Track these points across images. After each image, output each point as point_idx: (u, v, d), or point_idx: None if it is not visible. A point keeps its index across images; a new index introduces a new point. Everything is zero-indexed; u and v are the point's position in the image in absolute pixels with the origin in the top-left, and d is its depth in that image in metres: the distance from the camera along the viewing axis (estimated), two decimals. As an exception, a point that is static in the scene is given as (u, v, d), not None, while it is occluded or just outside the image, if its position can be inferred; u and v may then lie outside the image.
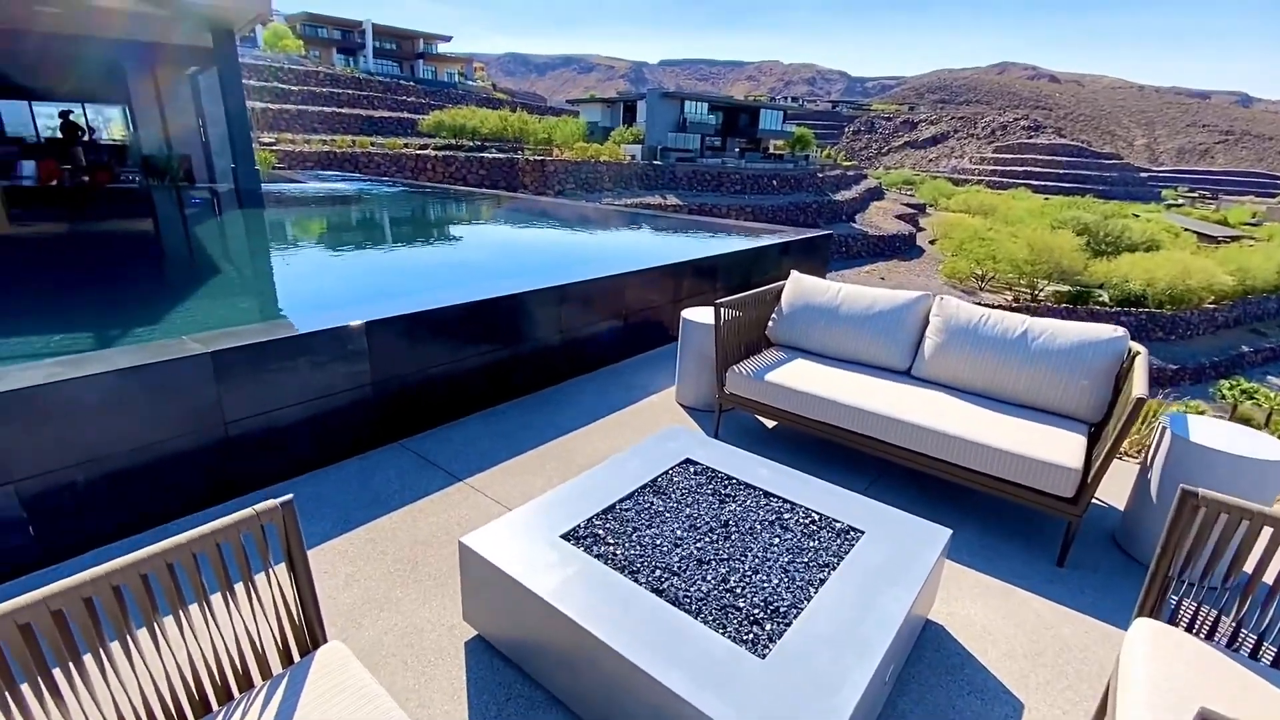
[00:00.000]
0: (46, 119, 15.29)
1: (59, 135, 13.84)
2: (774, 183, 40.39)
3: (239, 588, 2.01)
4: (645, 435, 3.65)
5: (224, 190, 11.77)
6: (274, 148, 26.59)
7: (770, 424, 3.88)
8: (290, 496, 1.49)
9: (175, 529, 2.64)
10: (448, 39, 70.30)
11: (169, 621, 1.76)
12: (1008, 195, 64.57)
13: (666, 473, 2.49)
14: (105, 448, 2.49)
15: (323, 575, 2.41)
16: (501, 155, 31.91)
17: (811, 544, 2.11)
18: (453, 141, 35.79)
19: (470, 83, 68.25)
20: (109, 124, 16.53)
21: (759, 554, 2.04)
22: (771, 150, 53.42)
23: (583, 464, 3.30)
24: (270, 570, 1.45)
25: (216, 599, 2.03)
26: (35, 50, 11.33)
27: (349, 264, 7.01)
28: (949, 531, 2.23)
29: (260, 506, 1.44)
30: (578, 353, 4.54)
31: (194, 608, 1.94)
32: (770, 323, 3.86)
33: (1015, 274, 32.06)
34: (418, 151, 29.65)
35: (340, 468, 3.16)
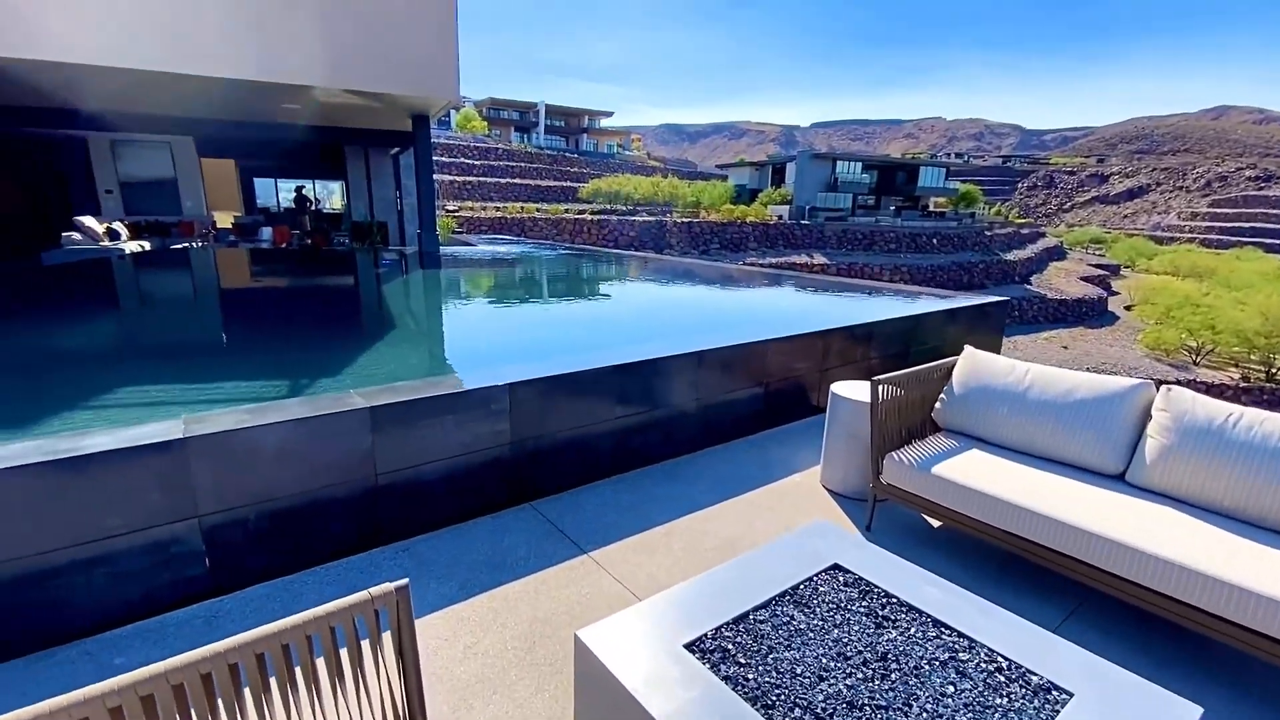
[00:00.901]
0: (285, 192, 18.75)
1: (293, 205, 16.86)
2: (934, 241, 37.91)
3: (347, 670, 1.99)
4: (785, 521, 3.31)
5: (410, 252, 13.42)
6: (456, 214, 30.20)
7: (936, 524, 3.34)
8: (405, 581, 1.42)
9: (324, 572, 2.77)
10: (609, 114, 76.50)
11: (276, 699, 1.78)
12: (1229, 255, 54.78)
13: (810, 580, 2.16)
14: (274, 490, 2.70)
15: (442, 643, 2.36)
16: (651, 218, 33.38)
17: (999, 701, 1.66)
18: (607, 206, 38.27)
19: (627, 153, 73.19)
20: (330, 196, 19.79)
21: (928, 705, 1.63)
22: (932, 208, 50.57)
23: (713, 548, 3.03)
24: (380, 655, 1.39)
25: (324, 679, 2.03)
26: (281, 138, 14.00)
27: (503, 321, 7.48)
28: (1198, 710, 1.65)
29: (376, 590, 1.38)
30: (714, 421, 4.32)
31: (301, 687, 1.95)
32: (938, 404, 3.38)
33: (1244, 347, 26.64)
34: (575, 216, 32.00)
35: (473, 525, 3.18)
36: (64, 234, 11.96)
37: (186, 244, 13.48)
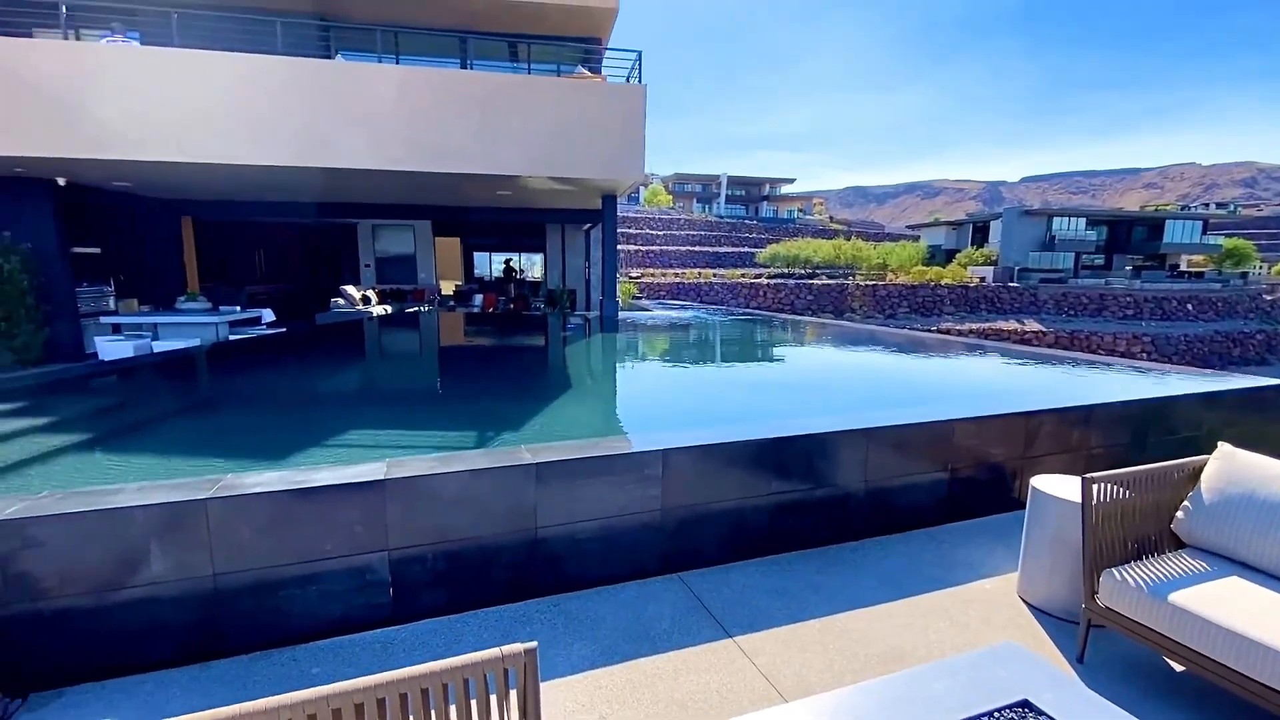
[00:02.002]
0: (497, 264, 21.61)
1: (501, 275, 19.35)
2: (1188, 306, 31.51)
3: None
4: (967, 636, 2.83)
5: (593, 316, 14.52)
6: (638, 280, 32.18)
7: (1179, 668, 2.62)
8: (534, 645, 1.46)
9: (485, 615, 2.96)
10: (790, 181, 77.09)
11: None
12: None
13: (991, 716, 1.80)
14: (449, 533, 2.98)
15: (578, 708, 2.36)
16: (831, 281, 32.40)
17: None
18: (785, 270, 38.03)
19: (808, 217, 72.74)
20: (532, 266, 22.34)
21: None
22: (1184, 267, 42.39)
23: (875, 655, 2.69)
24: (506, 713, 1.43)
25: None
26: (496, 219, 16.26)
27: (668, 384, 7.66)
28: None
29: (506, 650, 1.44)
30: (885, 507, 3.92)
31: None
32: (1181, 513, 2.71)
33: None
34: (752, 280, 32.23)
35: (620, 590, 3.20)
36: (333, 299, 14.98)
37: (417, 308, 16.08)
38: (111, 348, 9.08)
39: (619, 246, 39.00)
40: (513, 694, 1.49)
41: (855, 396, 6.98)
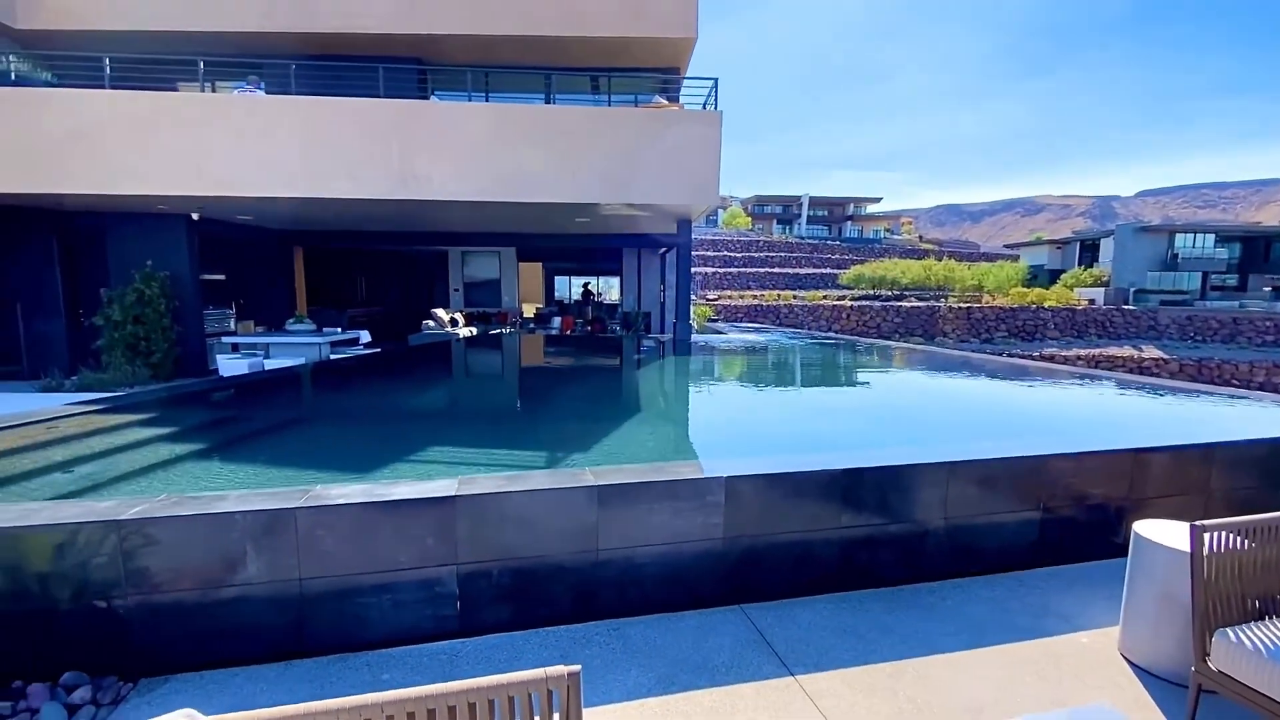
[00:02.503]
0: (576, 287, 22.26)
1: (579, 298, 19.88)
2: (1344, 333, 27.63)
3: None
4: (1058, 694, 2.59)
5: (667, 339, 14.60)
6: (715, 302, 32.08)
7: (1321, 751, 2.26)
8: (578, 668, 1.47)
9: (545, 634, 3.01)
10: (876, 200, 74.69)
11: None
12: None
13: (1074, 787, 1.63)
14: (514, 550, 3.06)
15: (632, 737, 2.34)
16: (920, 303, 30.95)
17: None
18: (870, 291, 36.73)
19: (895, 236, 70.09)
20: (609, 290, 22.81)
21: None
22: (1338, 288, 37.35)
23: (950, 708, 2.50)
24: (549, 736, 1.45)
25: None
26: (575, 244, 16.80)
27: (739, 408, 7.55)
28: None
29: (551, 671, 1.46)
30: (967, 546, 3.66)
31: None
32: (1318, 571, 2.36)
33: None
34: (834, 302, 31.32)
35: (680, 618, 3.16)
36: (424, 321, 15.91)
37: (500, 330, 16.79)
38: (230, 365, 10.07)
39: (696, 269, 39.14)
40: (555, 716, 1.51)
41: (942, 427, 6.61)
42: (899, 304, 30.68)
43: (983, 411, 7.61)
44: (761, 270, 42.99)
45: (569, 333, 16.78)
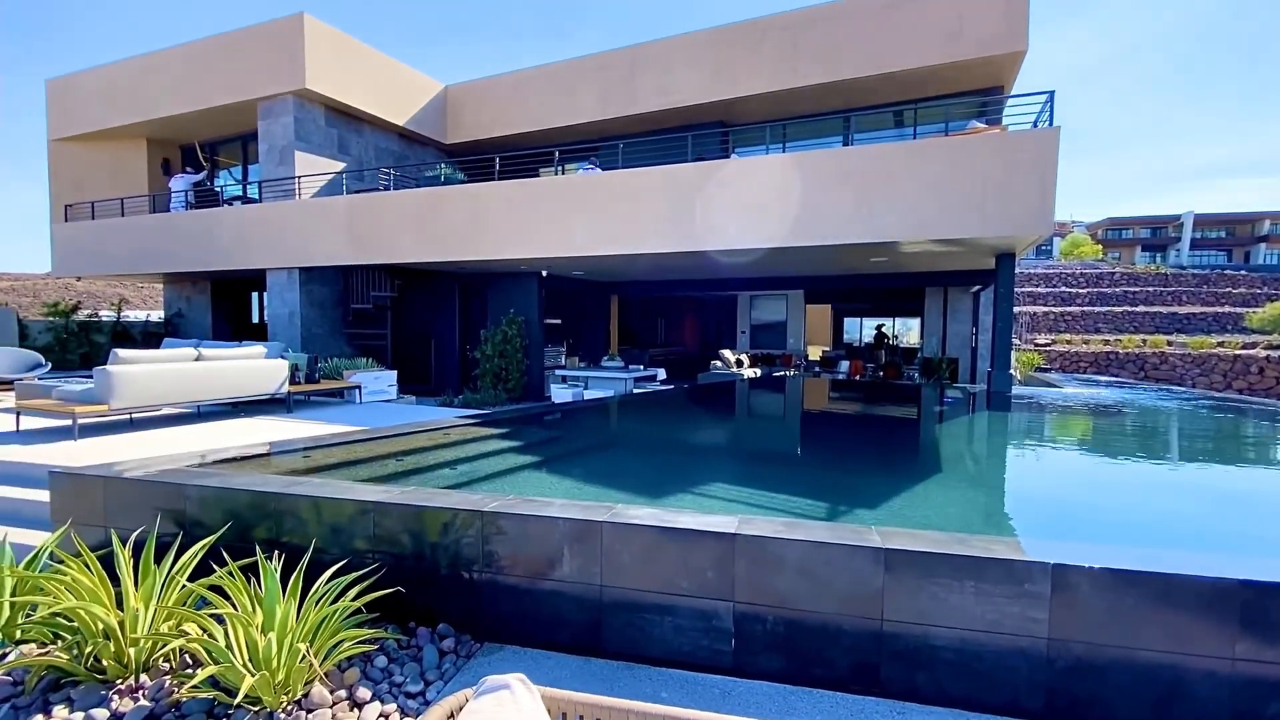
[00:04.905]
0: (867, 329, 21.02)
1: (871, 342, 18.70)
2: None
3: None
4: None
5: (977, 390, 12.71)
6: (1047, 349, 26.86)
7: None
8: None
9: (819, 697, 2.85)
10: (1312, 213, 54.21)
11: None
12: None
13: None
14: (789, 599, 2.99)
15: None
16: (1400, 357, 21.16)
17: None
18: (1299, 339, 26.47)
19: (1349, 261, 49.70)
20: (907, 332, 20.99)
21: None
22: None
23: None
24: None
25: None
26: (868, 284, 15.95)
27: (1076, 483, 6.13)
28: None
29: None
30: None
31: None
32: None
33: None
34: (1236, 351, 23.43)
35: (984, 723, 2.67)
36: (712, 362, 16.86)
37: (783, 372, 16.80)
38: (560, 393, 12.14)
39: (1019, 308, 33.72)
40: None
41: None
42: (1359, 356, 21.39)
43: None
44: (1117, 309, 34.61)
45: (858, 378, 15.90)
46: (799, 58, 13.40)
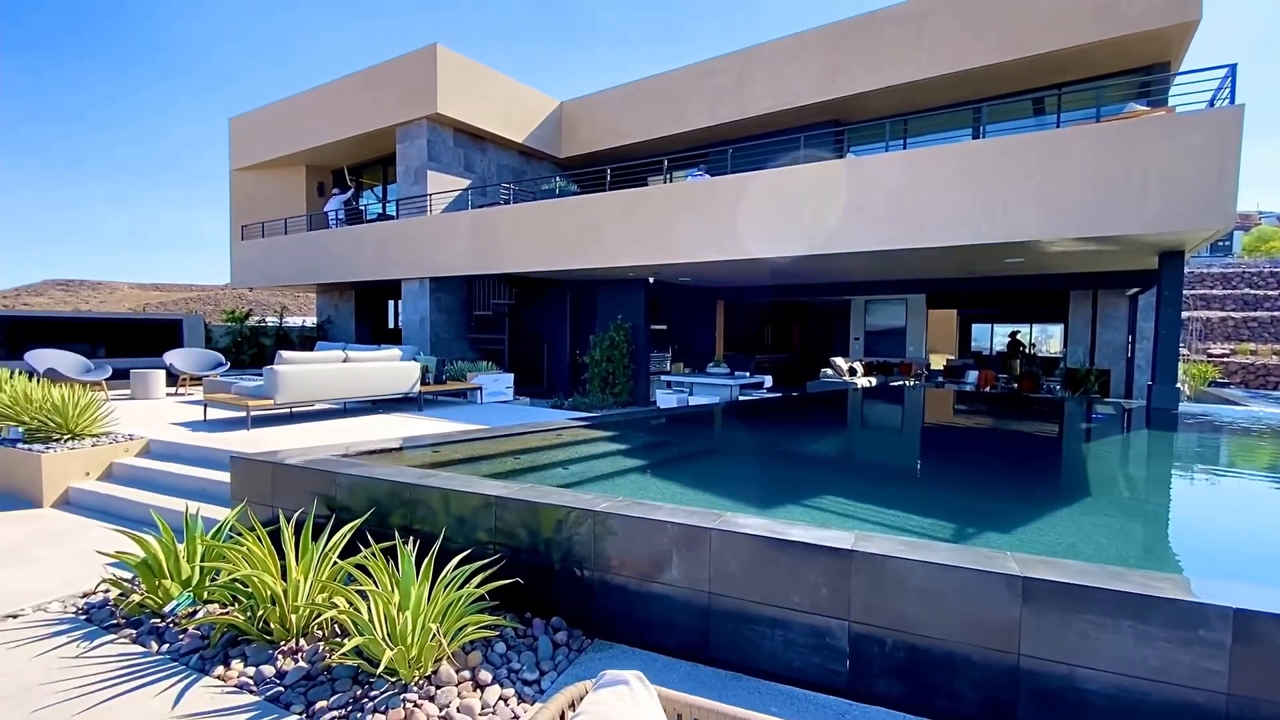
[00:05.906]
0: (1000, 337, 19.25)
1: (1005, 350, 17.10)
2: None
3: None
4: None
5: (1135, 407, 11.24)
6: (1225, 360, 23.29)
7: None
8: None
9: (942, 733, 2.66)
10: None
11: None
12: None
13: None
14: (910, 625, 2.81)
15: None
16: None
17: None
18: None
19: None
20: (1047, 340, 19.04)
21: None
22: None
23: None
24: None
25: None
26: (1001, 288, 14.62)
27: (1264, 518, 5.24)
28: None
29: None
30: None
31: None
32: None
33: None
34: None
35: (1146, 784, 2.35)
36: (822, 369, 16.22)
37: (903, 382, 15.80)
38: (665, 399, 12.22)
39: (1189, 314, 29.70)
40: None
41: None
42: None
43: None
44: (1315, 316, 29.31)
45: (988, 389, 14.62)
46: (922, 47, 12.65)
